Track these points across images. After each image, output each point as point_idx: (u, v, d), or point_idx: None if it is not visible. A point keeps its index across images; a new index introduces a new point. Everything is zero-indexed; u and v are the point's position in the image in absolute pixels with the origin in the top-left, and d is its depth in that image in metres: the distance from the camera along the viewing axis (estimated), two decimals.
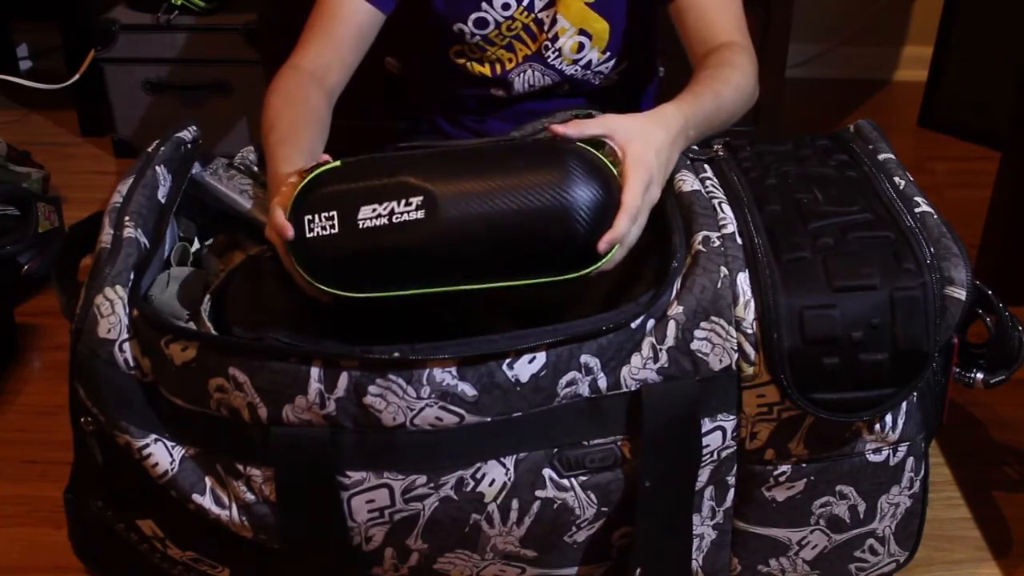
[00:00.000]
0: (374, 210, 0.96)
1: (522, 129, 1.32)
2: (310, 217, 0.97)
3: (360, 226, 0.96)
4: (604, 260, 0.99)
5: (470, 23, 1.36)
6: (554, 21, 1.36)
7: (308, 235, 0.97)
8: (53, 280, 1.14)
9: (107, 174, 2.34)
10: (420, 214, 0.95)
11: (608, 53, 1.40)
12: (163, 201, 1.16)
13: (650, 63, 1.51)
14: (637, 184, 1.01)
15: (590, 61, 1.40)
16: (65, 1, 2.36)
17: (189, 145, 1.25)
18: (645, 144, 1.04)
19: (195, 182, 1.22)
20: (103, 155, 2.42)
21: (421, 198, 0.96)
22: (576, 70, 1.41)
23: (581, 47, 1.38)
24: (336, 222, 0.96)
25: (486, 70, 1.41)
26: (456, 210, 0.96)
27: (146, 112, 2.32)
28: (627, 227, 0.99)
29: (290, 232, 0.97)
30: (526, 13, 1.36)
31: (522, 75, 1.41)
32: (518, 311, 1.07)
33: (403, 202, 0.96)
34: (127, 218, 1.10)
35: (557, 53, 1.39)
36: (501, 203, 0.96)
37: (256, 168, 1.27)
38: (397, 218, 0.96)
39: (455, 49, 1.41)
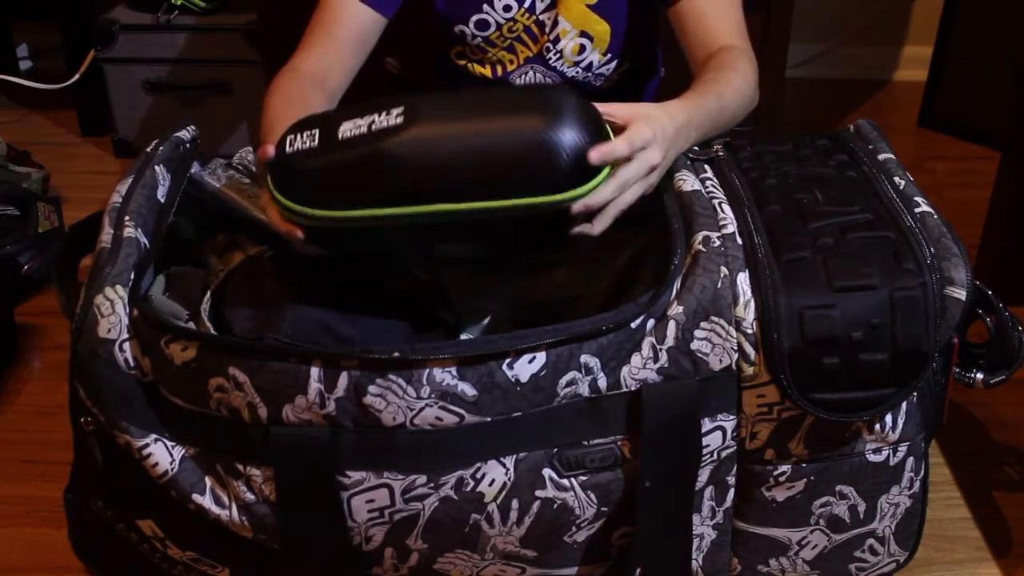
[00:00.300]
0: (356, 123, 0.96)
1: None
2: (292, 136, 0.98)
3: (340, 138, 0.96)
4: (589, 186, 0.96)
5: (471, 25, 1.36)
6: (555, 23, 1.36)
7: (288, 151, 0.97)
8: (53, 280, 1.14)
9: (107, 174, 2.34)
10: (399, 120, 0.95)
11: (609, 55, 1.40)
12: (162, 201, 1.16)
13: (651, 65, 1.51)
14: (638, 131, 1.00)
15: (591, 63, 1.40)
16: (65, 1, 2.36)
17: (188, 144, 1.25)
18: (649, 120, 1.03)
19: (194, 181, 1.22)
20: (103, 155, 2.42)
21: (403, 113, 0.96)
22: (577, 72, 1.41)
23: (582, 49, 1.38)
24: (317, 137, 0.97)
25: (487, 71, 1.41)
26: (436, 120, 0.96)
27: (146, 112, 2.32)
28: (622, 150, 0.98)
29: (271, 151, 0.97)
30: (527, 15, 1.36)
31: (523, 77, 1.41)
32: (519, 311, 1.07)
33: (384, 114, 0.96)
34: (127, 218, 1.10)
35: (558, 55, 1.39)
36: (485, 115, 0.96)
37: (254, 168, 1.27)
38: (376, 126, 0.95)
39: (456, 50, 1.41)
